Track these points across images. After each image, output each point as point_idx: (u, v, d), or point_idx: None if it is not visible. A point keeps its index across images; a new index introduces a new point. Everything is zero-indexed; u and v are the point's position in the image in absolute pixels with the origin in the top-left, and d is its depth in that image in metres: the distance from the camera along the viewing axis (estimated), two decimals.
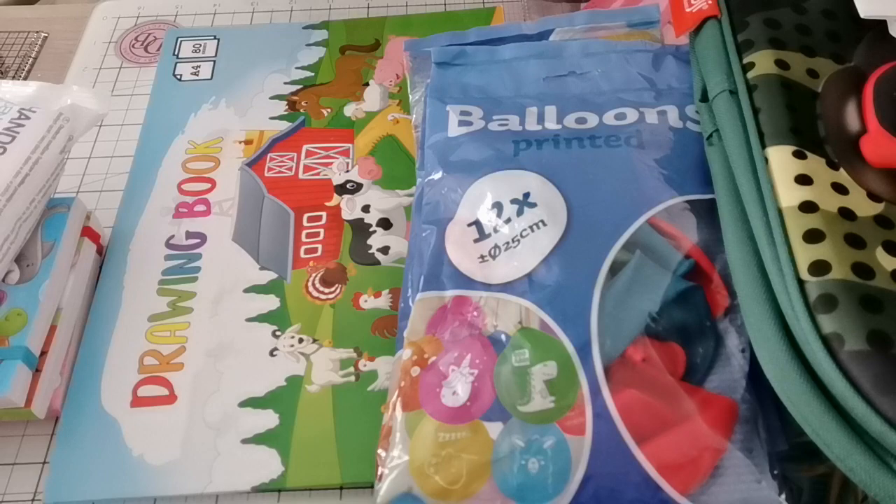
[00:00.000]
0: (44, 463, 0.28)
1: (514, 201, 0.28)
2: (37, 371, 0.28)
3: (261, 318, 0.31)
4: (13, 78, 0.42)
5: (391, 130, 0.37)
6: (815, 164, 0.23)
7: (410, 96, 0.34)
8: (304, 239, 0.33)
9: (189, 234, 0.33)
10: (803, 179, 0.22)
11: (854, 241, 0.21)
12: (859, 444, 0.18)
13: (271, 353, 0.30)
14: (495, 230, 0.27)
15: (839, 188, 0.22)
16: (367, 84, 0.39)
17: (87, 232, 0.32)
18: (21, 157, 0.29)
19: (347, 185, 0.35)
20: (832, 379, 0.19)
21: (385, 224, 0.33)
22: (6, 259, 0.29)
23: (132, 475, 0.27)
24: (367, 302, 0.31)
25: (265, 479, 0.27)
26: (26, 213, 0.29)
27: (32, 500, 0.27)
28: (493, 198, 0.28)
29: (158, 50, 0.42)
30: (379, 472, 0.24)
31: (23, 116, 0.30)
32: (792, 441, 0.23)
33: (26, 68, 0.42)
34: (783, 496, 0.22)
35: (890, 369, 0.18)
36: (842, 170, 0.23)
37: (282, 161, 0.36)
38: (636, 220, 0.26)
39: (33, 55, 0.43)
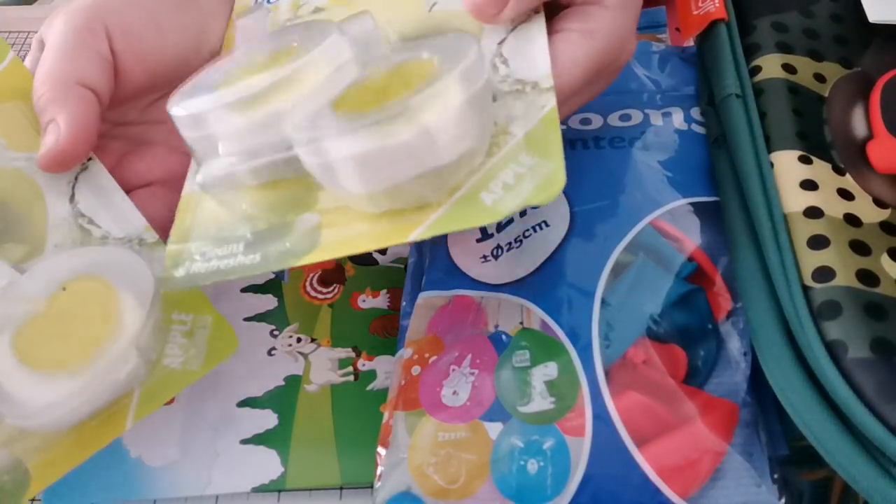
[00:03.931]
0: None
1: None
2: None
3: (258, 318, 0.31)
4: None
5: None
6: (820, 170, 0.23)
7: None
8: None
9: None
10: (809, 185, 0.22)
11: (859, 248, 0.21)
12: (862, 452, 0.19)
13: (269, 353, 0.30)
14: (498, 230, 0.27)
15: (845, 194, 0.22)
16: None
17: None
18: None
19: None
20: (835, 386, 0.19)
21: None
22: None
23: (131, 477, 0.27)
24: (365, 301, 0.31)
25: (265, 479, 0.27)
26: None
27: (32, 500, 0.27)
28: None
29: None
30: (378, 471, 0.24)
31: None
32: (793, 445, 0.23)
33: None
34: (783, 500, 0.22)
35: (893, 377, 0.18)
36: (848, 175, 0.23)
37: None
38: (639, 221, 0.26)
39: None
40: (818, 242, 0.21)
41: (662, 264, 0.25)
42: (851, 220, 0.21)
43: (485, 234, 0.27)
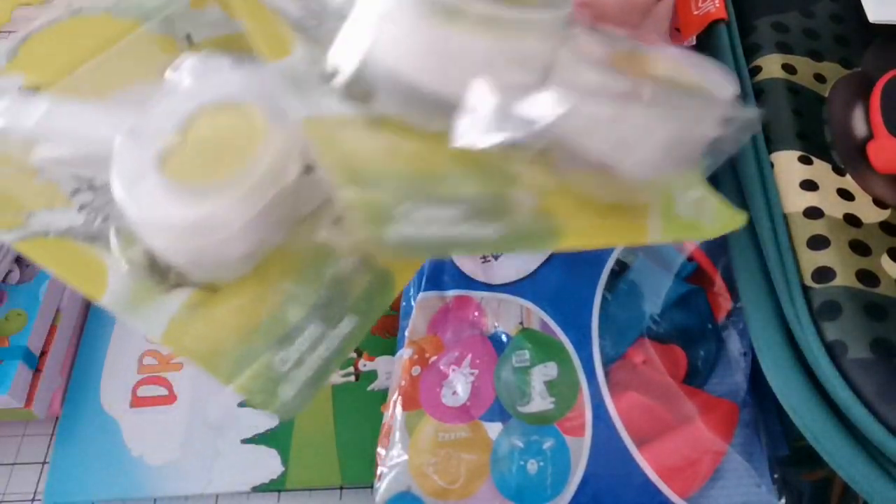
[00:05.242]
0: (44, 463, 0.28)
1: None
2: (37, 371, 0.28)
3: None
4: None
5: None
6: (820, 170, 0.23)
7: None
8: None
9: None
10: (809, 185, 0.22)
11: (859, 248, 0.21)
12: (861, 452, 0.18)
13: None
14: None
15: (845, 194, 0.22)
16: None
17: None
18: None
19: None
20: (835, 387, 0.19)
21: None
22: (6, 259, 0.29)
23: (132, 475, 0.27)
24: None
25: (265, 479, 0.27)
26: None
27: (32, 500, 0.27)
28: None
29: None
30: (378, 471, 0.24)
31: None
32: (793, 445, 0.23)
33: None
34: (783, 500, 0.22)
35: (893, 378, 0.18)
36: (848, 176, 0.23)
37: None
38: None
39: None
40: (818, 242, 0.21)
41: (662, 264, 0.25)
42: (851, 220, 0.21)
43: None
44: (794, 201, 0.22)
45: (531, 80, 0.16)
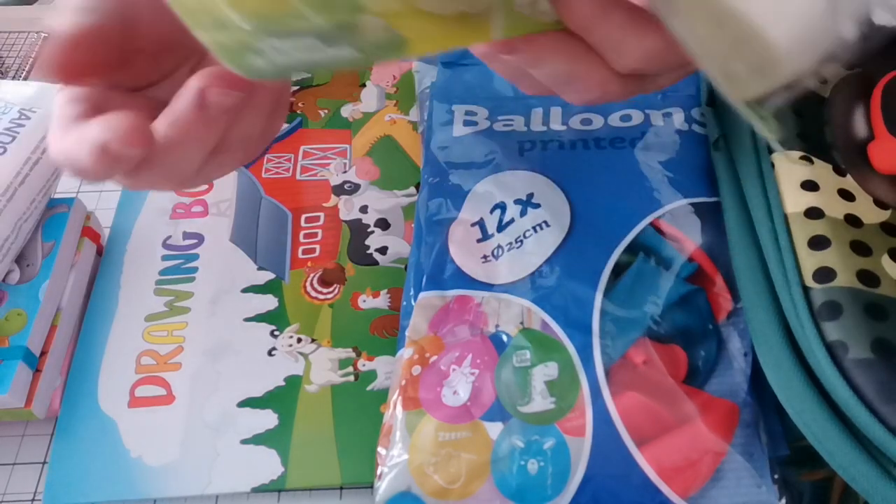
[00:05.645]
0: (44, 463, 0.28)
1: (517, 202, 0.28)
2: (37, 371, 0.28)
3: (259, 318, 0.31)
4: (13, 78, 0.42)
5: (388, 131, 0.37)
6: (821, 170, 0.23)
7: (418, 95, 0.34)
8: (301, 240, 0.33)
9: (186, 235, 0.33)
10: (810, 185, 0.22)
11: (860, 248, 0.21)
12: (862, 452, 0.18)
13: (270, 353, 0.30)
14: (498, 230, 0.27)
15: (846, 195, 0.22)
16: (364, 85, 0.39)
17: (88, 232, 0.32)
18: (21, 158, 0.29)
19: (345, 186, 0.35)
20: (836, 387, 0.19)
21: (383, 224, 0.33)
22: (6, 259, 0.29)
23: (131, 476, 0.27)
24: (366, 302, 0.31)
25: (265, 479, 0.27)
26: (27, 214, 0.29)
27: (32, 500, 0.27)
28: (496, 198, 0.28)
29: None
30: (379, 471, 0.24)
31: (23, 117, 0.30)
32: (793, 445, 0.23)
33: (26, 68, 0.42)
34: (783, 501, 0.22)
35: (893, 378, 0.18)
36: (848, 176, 0.23)
37: (279, 162, 0.36)
38: (639, 222, 0.26)
39: (33, 55, 0.43)
40: (819, 243, 0.21)
41: (663, 264, 0.25)
42: (852, 220, 0.21)
43: (485, 234, 0.27)
44: (795, 201, 0.22)
45: None
